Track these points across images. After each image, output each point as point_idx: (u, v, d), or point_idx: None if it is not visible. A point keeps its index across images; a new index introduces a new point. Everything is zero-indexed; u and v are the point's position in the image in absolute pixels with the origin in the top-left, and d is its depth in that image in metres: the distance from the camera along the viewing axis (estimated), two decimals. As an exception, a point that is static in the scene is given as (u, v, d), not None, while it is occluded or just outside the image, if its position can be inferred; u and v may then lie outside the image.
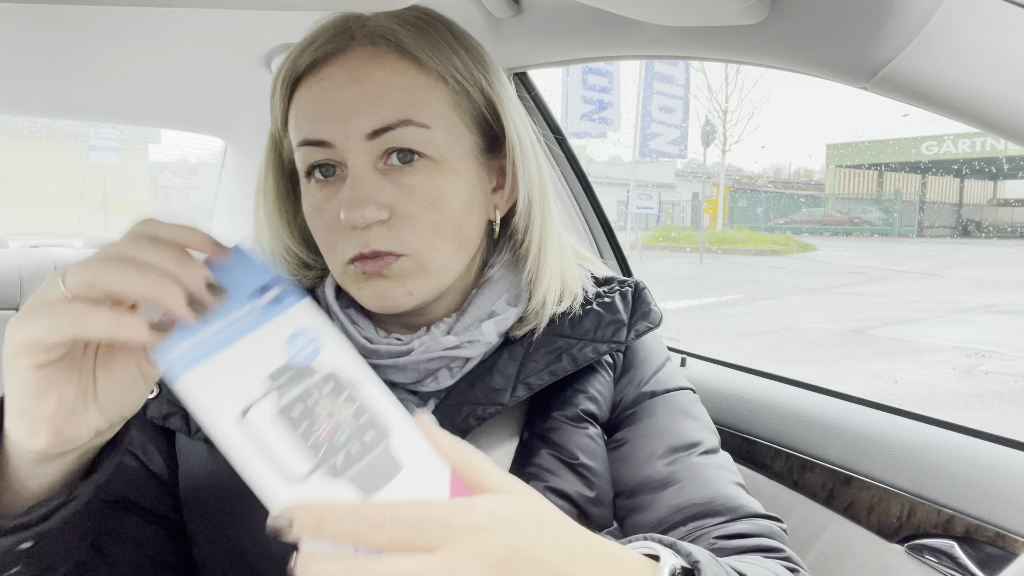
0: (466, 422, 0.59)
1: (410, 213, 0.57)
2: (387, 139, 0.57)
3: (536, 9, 0.96)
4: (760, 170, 21.76)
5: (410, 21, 0.59)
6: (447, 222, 0.59)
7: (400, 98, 0.57)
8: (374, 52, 0.58)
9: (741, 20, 0.66)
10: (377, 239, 0.57)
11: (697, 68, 14.40)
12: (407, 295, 0.59)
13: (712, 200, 14.02)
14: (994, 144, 14.37)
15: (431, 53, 0.59)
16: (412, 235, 0.58)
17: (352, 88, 0.57)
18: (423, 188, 0.58)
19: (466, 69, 0.61)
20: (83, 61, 1.36)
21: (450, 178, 0.59)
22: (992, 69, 0.53)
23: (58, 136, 8.09)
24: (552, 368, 0.62)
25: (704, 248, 13.04)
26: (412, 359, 0.61)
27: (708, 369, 1.19)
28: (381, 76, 0.57)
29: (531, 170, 0.64)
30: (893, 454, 0.85)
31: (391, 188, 0.57)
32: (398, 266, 0.58)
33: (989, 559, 0.74)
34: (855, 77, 0.61)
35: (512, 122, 0.63)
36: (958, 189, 17.25)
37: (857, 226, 16.52)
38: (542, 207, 0.65)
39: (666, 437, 0.65)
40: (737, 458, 1.03)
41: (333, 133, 0.57)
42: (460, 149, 0.60)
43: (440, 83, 0.59)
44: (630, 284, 0.70)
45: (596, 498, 0.63)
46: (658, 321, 0.68)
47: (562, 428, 0.63)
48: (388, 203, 0.57)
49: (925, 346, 5.83)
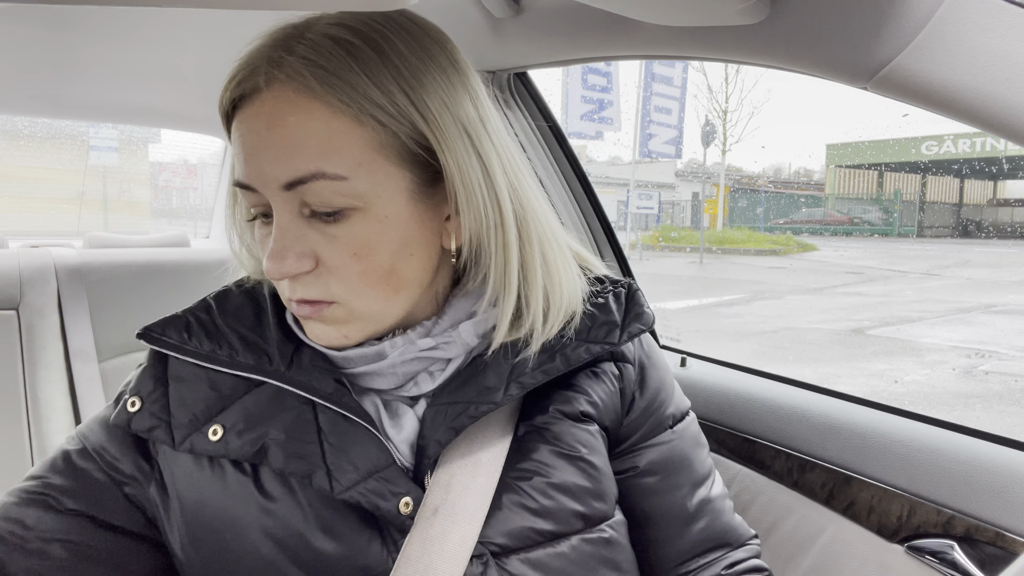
0: (459, 420, 0.59)
1: (335, 264, 0.55)
2: (303, 191, 0.54)
3: (536, 9, 0.96)
4: (760, 170, 21.73)
5: (332, 51, 0.53)
6: (375, 271, 0.56)
7: (313, 147, 0.53)
8: (290, 95, 0.53)
9: (741, 20, 0.66)
10: (303, 288, 0.56)
11: (697, 68, 14.39)
12: (343, 337, 0.59)
13: (712, 200, 14.01)
14: (994, 144, 14.36)
15: (346, 93, 0.53)
16: (339, 285, 0.56)
17: (266, 135, 0.53)
18: (347, 238, 0.55)
19: (391, 104, 0.54)
20: (83, 61, 1.36)
21: (377, 226, 0.55)
22: (992, 69, 0.53)
23: (58, 136, 8.08)
24: (545, 367, 0.62)
25: (704, 248, 13.03)
26: (388, 363, 0.60)
27: (708, 369, 1.19)
28: (293, 122, 0.53)
29: (478, 203, 0.58)
30: (893, 454, 0.85)
31: (315, 236, 0.55)
32: (329, 312, 0.57)
33: (989, 559, 0.74)
34: (855, 77, 0.61)
35: (451, 155, 0.56)
36: (958, 189, 17.24)
37: (857, 226, 16.51)
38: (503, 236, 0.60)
39: (690, 473, 0.70)
40: (737, 458, 1.03)
41: (254, 180, 0.55)
42: (388, 193, 0.55)
43: (356, 125, 0.53)
44: (623, 285, 0.70)
45: (597, 492, 0.63)
46: (651, 323, 0.68)
47: (562, 422, 0.63)
48: (312, 252, 0.55)
49: (925, 346, 5.83)
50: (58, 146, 8.81)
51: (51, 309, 1.48)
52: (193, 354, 0.61)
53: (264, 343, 0.62)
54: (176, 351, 0.62)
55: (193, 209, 10.81)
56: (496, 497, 0.59)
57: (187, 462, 0.60)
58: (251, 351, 0.61)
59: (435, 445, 0.59)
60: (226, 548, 0.57)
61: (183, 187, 11.08)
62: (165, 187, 11.13)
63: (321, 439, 0.58)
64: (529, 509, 0.59)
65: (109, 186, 9.47)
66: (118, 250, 1.66)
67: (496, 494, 0.60)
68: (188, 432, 0.59)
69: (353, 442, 0.58)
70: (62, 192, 9.27)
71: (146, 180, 10.74)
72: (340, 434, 0.58)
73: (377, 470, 0.57)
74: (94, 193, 9.25)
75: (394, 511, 0.56)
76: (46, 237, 1.92)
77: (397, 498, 0.57)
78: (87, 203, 9.16)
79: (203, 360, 0.61)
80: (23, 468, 1.39)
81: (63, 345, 1.47)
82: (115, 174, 9.41)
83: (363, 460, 0.57)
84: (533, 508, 0.60)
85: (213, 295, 0.67)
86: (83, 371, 1.48)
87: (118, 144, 7.81)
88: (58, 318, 1.48)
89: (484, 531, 0.58)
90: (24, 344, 1.43)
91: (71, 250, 1.59)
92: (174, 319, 0.64)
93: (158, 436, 0.60)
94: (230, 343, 0.62)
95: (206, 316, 0.64)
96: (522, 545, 0.59)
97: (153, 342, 0.62)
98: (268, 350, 0.61)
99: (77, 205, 9.02)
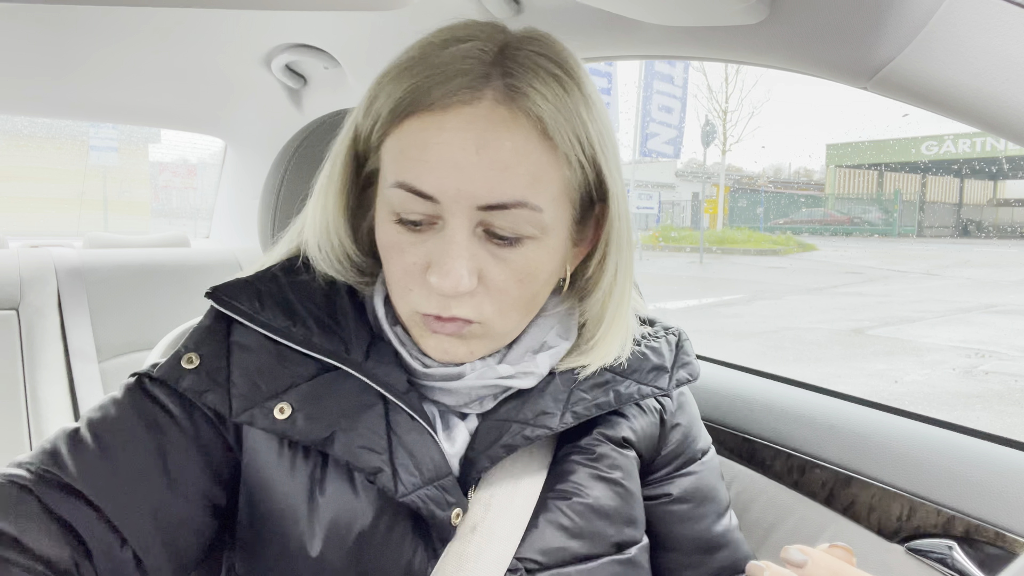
0: (514, 439, 0.59)
1: (498, 286, 0.55)
2: (497, 215, 0.53)
3: (536, 9, 0.96)
4: (760, 170, 21.76)
5: (550, 84, 0.53)
6: (527, 295, 0.57)
7: (523, 176, 0.52)
8: (507, 116, 0.52)
9: (741, 20, 0.66)
10: (458, 306, 0.55)
11: (697, 68, 14.40)
12: (469, 353, 0.59)
13: (712, 200, 14.02)
14: (994, 144, 14.36)
15: (565, 132, 0.53)
16: (492, 307, 0.56)
17: (475, 154, 0.51)
18: (517, 263, 0.55)
19: (589, 146, 0.55)
20: (83, 61, 1.36)
21: (545, 256, 0.56)
22: (992, 69, 0.53)
23: (58, 136, 8.09)
24: (599, 401, 0.62)
25: (704, 248, 13.03)
26: (465, 384, 0.59)
27: (708, 369, 1.19)
28: (509, 147, 0.51)
29: (623, 243, 0.60)
30: (893, 454, 0.85)
31: (485, 256, 0.54)
32: (468, 330, 0.57)
33: (989, 559, 0.74)
34: (855, 77, 0.61)
35: (617, 201, 0.58)
36: (958, 189, 17.25)
37: (857, 226, 16.51)
38: (624, 277, 0.62)
39: (715, 503, 0.71)
40: (737, 458, 1.03)
41: (443, 193, 0.52)
42: (560, 227, 0.57)
43: (564, 164, 0.54)
44: (674, 332, 0.72)
45: (630, 517, 0.64)
46: (697, 375, 0.69)
47: (604, 444, 0.64)
48: (479, 270, 0.55)
49: (925, 346, 5.83)
50: (58, 146, 8.81)
51: (51, 309, 1.48)
52: (266, 325, 0.59)
53: (340, 330, 0.60)
54: (247, 319, 0.59)
55: (193, 209, 10.82)
56: (533, 516, 0.60)
57: (260, 437, 0.58)
58: (327, 335, 0.60)
59: (485, 460, 0.58)
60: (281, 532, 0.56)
61: (183, 187, 11.09)
62: (165, 187, 11.14)
63: (390, 436, 0.57)
64: (565, 529, 0.60)
65: (109, 186, 9.47)
66: (118, 250, 1.66)
67: (534, 513, 0.60)
68: (248, 404, 0.56)
69: (419, 446, 0.57)
70: (62, 192, 9.27)
71: (146, 180, 10.75)
72: (407, 435, 0.57)
73: (438, 477, 0.57)
74: (94, 193, 9.25)
75: (447, 521, 0.56)
76: (46, 237, 1.91)
77: (451, 508, 0.56)
78: (87, 203, 9.16)
79: (278, 335, 0.59)
80: (23, 468, 1.39)
81: (63, 345, 1.48)
82: (115, 174, 9.41)
83: (426, 465, 0.57)
84: (569, 528, 0.60)
85: (277, 267, 0.64)
86: (83, 371, 1.48)
87: (118, 144, 7.81)
88: (58, 318, 1.48)
89: (520, 548, 0.58)
90: (24, 344, 1.43)
91: (71, 250, 1.59)
92: (244, 284, 0.61)
93: (210, 400, 0.56)
94: (305, 323, 0.60)
95: (275, 288, 0.62)
96: (555, 563, 0.59)
97: (223, 305, 0.60)
98: (345, 338, 0.60)
99: (77, 205, 9.03)
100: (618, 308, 0.63)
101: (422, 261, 0.55)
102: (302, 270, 0.64)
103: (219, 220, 2.09)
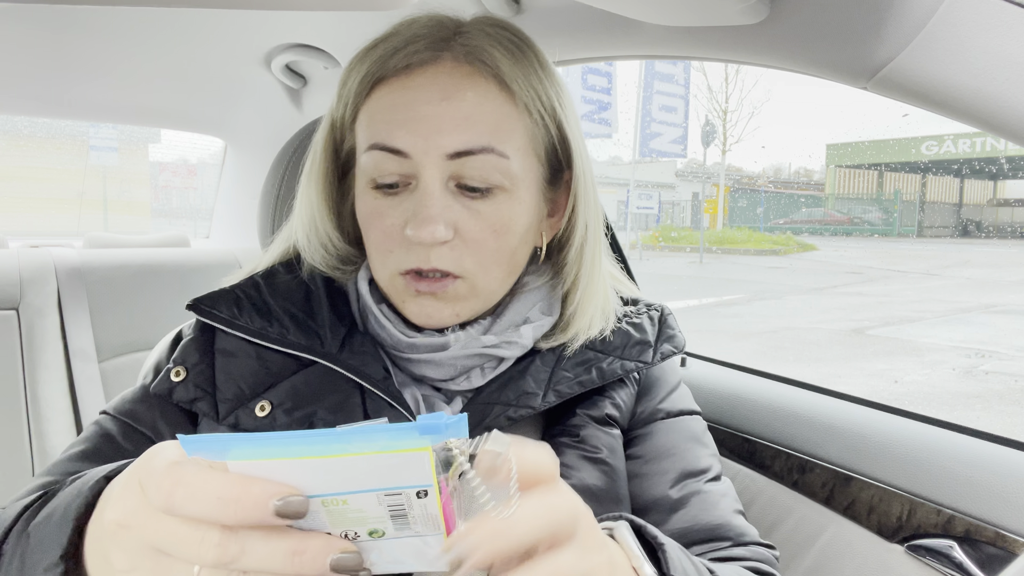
0: (496, 421, 0.60)
1: (474, 237, 0.58)
2: (466, 163, 0.56)
3: (536, 9, 0.96)
4: (760, 170, 21.77)
5: (505, 44, 0.59)
6: (505, 249, 0.60)
7: (487, 124, 0.57)
8: (468, 71, 0.58)
9: (741, 20, 0.66)
10: (438, 257, 0.57)
11: (697, 68, 14.40)
12: (454, 315, 0.61)
13: (712, 200, 14.03)
14: (994, 144, 14.37)
15: (523, 84, 0.58)
16: (472, 259, 0.58)
17: (441, 105, 0.56)
18: (491, 214, 0.58)
19: (548, 101, 0.60)
20: (83, 61, 1.36)
21: (517, 208, 0.59)
22: (992, 69, 0.53)
23: (58, 136, 8.09)
24: (581, 379, 0.63)
25: (704, 248, 13.04)
26: (450, 354, 0.61)
27: (708, 369, 1.19)
28: (472, 98, 0.57)
29: (590, 203, 0.64)
30: (893, 454, 0.85)
31: (459, 209, 0.58)
32: (452, 288, 0.59)
33: (989, 559, 0.74)
34: (855, 77, 0.61)
35: (580, 158, 0.63)
36: (958, 189, 17.26)
37: (857, 226, 16.52)
38: (595, 239, 0.65)
39: (678, 462, 0.67)
40: (737, 458, 1.03)
41: (413, 145, 0.56)
42: (529, 180, 0.60)
43: (525, 115, 0.59)
44: (656, 308, 0.73)
45: (616, 495, 0.64)
46: (682, 346, 0.70)
47: (588, 425, 0.64)
48: (454, 223, 0.57)
49: (925, 346, 5.83)
50: (58, 146, 8.82)
51: (51, 309, 1.48)
52: (244, 329, 0.62)
53: (315, 324, 0.63)
54: (226, 325, 0.62)
55: (193, 209, 10.81)
56: None
57: None
58: (302, 331, 0.62)
59: None
60: None
61: (183, 187, 11.09)
62: (165, 187, 11.14)
63: None
64: None
65: (109, 186, 9.48)
66: (118, 250, 1.66)
67: None
68: (233, 406, 0.59)
69: None
70: (62, 192, 9.28)
71: (146, 180, 10.75)
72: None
73: None
74: (94, 193, 9.25)
75: None
76: (46, 237, 1.92)
77: None
78: (87, 203, 9.17)
79: (254, 336, 0.61)
80: (23, 468, 1.39)
81: (63, 345, 1.47)
82: (115, 174, 9.42)
83: None
84: None
85: (260, 273, 0.67)
86: (83, 371, 1.48)
87: (118, 144, 7.81)
88: (58, 318, 1.48)
89: None
90: (24, 344, 1.43)
91: (71, 250, 1.59)
92: (223, 293, 0.64)
93: (201, 408, 0.60)
94: (281, 322, 0.63)
95: (255, 293, 0.65)
96: None
97: (203, 315, 0.63)
98: (320, 331, 0.62)
99: (77, 205, 9.03)
100: (592, 265, 0.65)
101: (400, 221, 0.58)
102: (284, 271, 0.67)
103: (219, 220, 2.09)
